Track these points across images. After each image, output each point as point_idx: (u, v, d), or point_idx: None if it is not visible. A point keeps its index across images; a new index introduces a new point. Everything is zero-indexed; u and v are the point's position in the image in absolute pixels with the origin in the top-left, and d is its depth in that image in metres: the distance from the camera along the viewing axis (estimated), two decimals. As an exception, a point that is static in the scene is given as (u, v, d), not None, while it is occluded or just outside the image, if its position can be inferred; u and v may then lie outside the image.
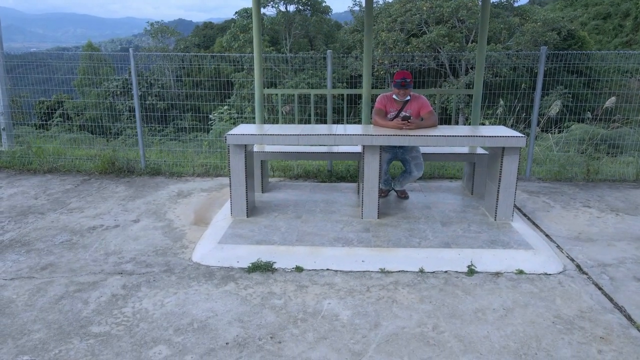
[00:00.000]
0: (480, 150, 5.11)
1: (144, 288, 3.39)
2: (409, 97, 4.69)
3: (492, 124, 8.09)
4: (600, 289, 3.38)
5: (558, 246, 4.10)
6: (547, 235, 4.33)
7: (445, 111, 17.67)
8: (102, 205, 5.20)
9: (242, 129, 4.59)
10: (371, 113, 5.11)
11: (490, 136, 4.17)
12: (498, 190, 4.31)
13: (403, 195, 5.17)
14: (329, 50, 6.08)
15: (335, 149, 5.21)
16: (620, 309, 3.08)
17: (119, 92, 34.13)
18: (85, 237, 4.33)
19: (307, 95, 6.20)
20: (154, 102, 30.15)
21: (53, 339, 2.75)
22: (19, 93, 8.70)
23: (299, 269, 3.65)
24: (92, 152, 7.22)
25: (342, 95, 6.45)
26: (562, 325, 2.89)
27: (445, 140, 4.21)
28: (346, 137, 4.29)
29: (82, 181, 6.18)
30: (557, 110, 8.64)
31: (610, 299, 3.22)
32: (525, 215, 4.88)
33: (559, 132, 8.72)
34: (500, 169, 4.24)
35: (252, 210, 4.64)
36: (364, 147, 4.27)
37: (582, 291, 3.33)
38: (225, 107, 12.05)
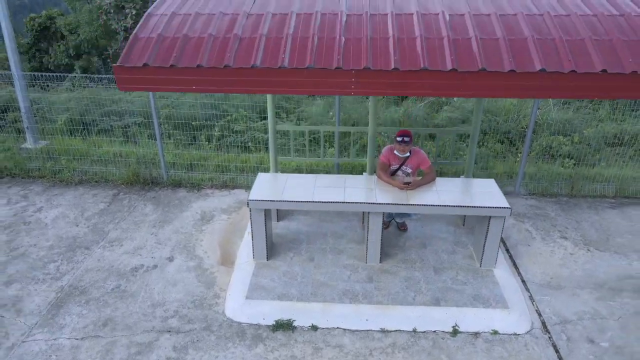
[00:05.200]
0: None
1: (191, 350, 4.23)
2: (409, 154, 5.20)
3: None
4: (557, 351, 4.22)
5: (531, 296, 4.88)
6: (523, 281, 5.10)
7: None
8: (137, 236, 5.91)
9: (261, 188, 5.14)
10: (377, 152, 5.66)
11: (479, 207, 4.77)
12: (484, 245, 5.00)
13: (403, 228, 5.85)
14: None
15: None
16: (568, 380, 3.94)
17: (111, 11, 32.97)
18: (131, 281, 5.11)
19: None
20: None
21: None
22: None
23: (314, 328, 4.47)
24: (113, 149, 7.77)
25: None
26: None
27: (438, 209, 4.82)
28: (353, 204, 4.89)
29: (113, 197, 6.82)
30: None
31: (562, 368, 4.07)
32: (507, 251, 5.61)
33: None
34: (487, 230, 4.90)
35: (270, 248, 5.35)
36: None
37: (542, 355, 4.17)
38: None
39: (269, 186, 5.26)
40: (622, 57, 3.28)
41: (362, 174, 6.17)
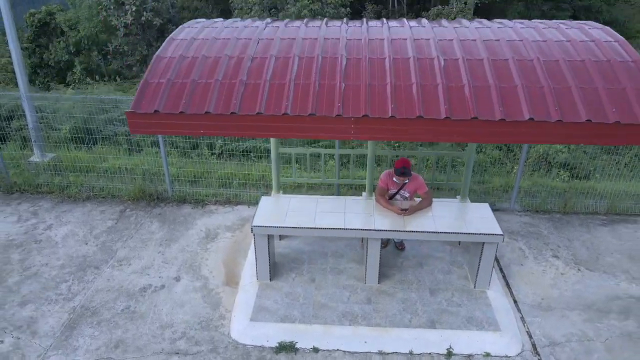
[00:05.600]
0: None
1: (199, 372, 4.47)
2: (407, 181, 5.40)
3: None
4: (545, 374, 4.46)
5: (522, 317, 5.11)
6: (515, 302, 5.33)
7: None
8: (145, 254, 6.13)
9: (264, 213, 5.35)
10: (377, 173, 5.89)
11: (473, 233, 4.98)
12: (478, 267, 5.22)
13: (401, 247, 6.07)
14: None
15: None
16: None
17: (111, 7, 32.96)
18: (140, 302, 5.34)
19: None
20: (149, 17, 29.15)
21: None
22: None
23: (315, 350, 4.70)
24: (119, 162, 7.99)
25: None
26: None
27: (434, 235, 5.04)
28: (353, 231, 5.10)
29: (120, 214, 7.04)
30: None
31: (550, 390, 4.30)
32: (501, 270, 5.83)
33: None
34: (481, 254, 5.12)
35: (273, 268, 5.58)
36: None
37: (531, 378, 4.41)
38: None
39: (272, 210, 5.47)
40: (606, 107, 3.48)
41: (362, 194, 6.40)
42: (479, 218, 5.26)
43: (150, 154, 8.45)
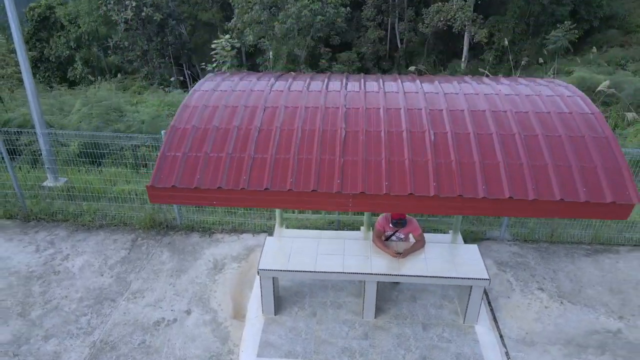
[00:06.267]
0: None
1: (211, 408, 4.93)
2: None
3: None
4: (525, 409, 4.91)
5: (507, 352, 5.57)
6: (501, 336, 5.78)
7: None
8: (157, 286, 6.57)
9: (269, 256, 5.77)
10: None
11: (462, 278, 5.41)
12: (467, 304, 5.66)
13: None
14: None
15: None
16: None
17: (112, 2, 33.01)
18: (155, 336, 5.78)
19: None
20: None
21: None
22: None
23: (317, 386, 5.16)
24: (128, 187, 8.41)
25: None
26: None
27: (426, 279, 5.47)
28: (354, 274, 5.53)
29: (132, 243, 7.47)
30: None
31: None
32: (489, 303, 6.27)
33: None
34: (470, 294, 5.55)
35: (277, 302, 6.01)
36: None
37: (512, 413, 4.87)
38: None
39: (276, 252, 5.88)
40: (578, 187, 3.88)
41: (360, 228, 6.82)
42: (468, 262, 5.68)
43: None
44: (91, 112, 12.83)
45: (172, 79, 30.45)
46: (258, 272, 5.59)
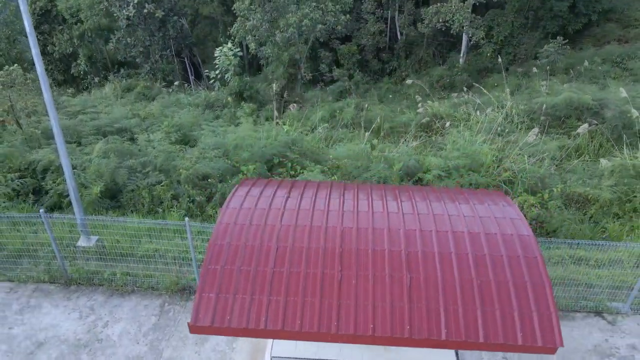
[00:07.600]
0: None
1: None
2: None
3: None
4: None
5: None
6: (468, 405, 7.12)
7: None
8: (185, 354, 7.88)
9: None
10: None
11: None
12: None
13: None
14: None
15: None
16: None
17: (114, -4, 33.51)
18: (187, 405, 7.13)
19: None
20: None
21: None
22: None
23: None
24: (152, 246, 9.67)
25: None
26: None
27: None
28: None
29: (160, 309, 8.75)
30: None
31: None
32: (461, 372, 7.60)
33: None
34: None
35: (286, 372, 7.32)
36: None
37: None
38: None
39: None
40: (517, 332, 5.13)
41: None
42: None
43: (175, 216, 10.20)
44: (108, 148, 13.91)
45: (176, 83, 31.26)
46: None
